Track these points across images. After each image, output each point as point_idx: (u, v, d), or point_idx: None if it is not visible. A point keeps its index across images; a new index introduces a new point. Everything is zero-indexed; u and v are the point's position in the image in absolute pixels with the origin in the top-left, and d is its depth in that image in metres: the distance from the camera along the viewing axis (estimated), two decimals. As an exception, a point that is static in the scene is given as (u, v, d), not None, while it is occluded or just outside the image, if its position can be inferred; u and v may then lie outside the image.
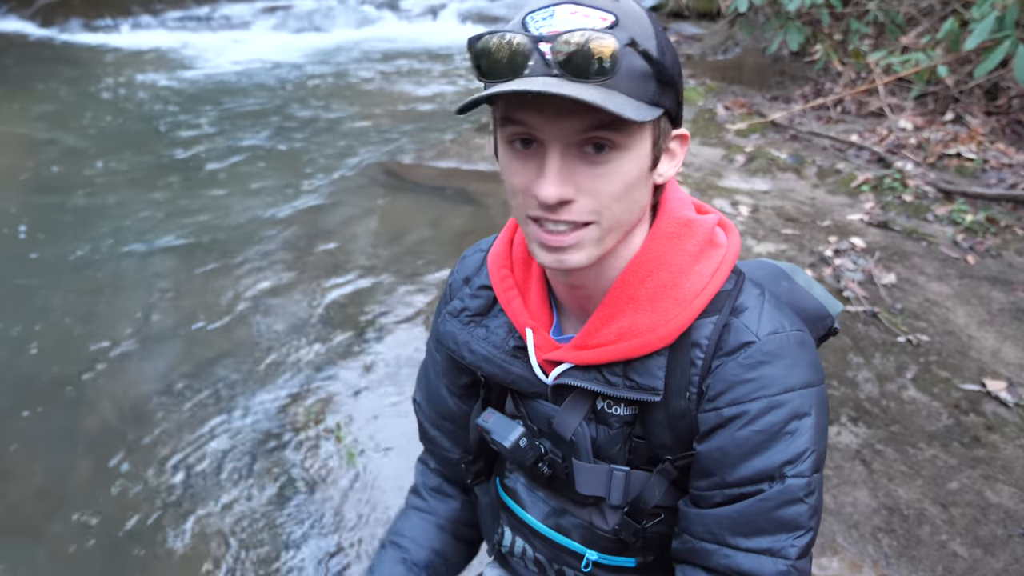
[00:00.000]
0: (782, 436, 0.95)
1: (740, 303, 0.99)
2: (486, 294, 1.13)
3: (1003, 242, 3.95)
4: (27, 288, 3.79)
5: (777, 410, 0.95)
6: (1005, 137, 5.23)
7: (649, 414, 1.02)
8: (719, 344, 0.97)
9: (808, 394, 0.96)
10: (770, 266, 1.16)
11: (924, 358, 3.04)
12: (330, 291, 3.69)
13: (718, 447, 0.97)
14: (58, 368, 3.18)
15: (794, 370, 0.96)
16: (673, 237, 0.99)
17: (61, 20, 10.14)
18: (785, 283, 1.13)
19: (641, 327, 0.97)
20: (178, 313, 3.56)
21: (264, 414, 2.87)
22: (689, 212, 1.03)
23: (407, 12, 10.86)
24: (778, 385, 0.95)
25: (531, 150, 0.88)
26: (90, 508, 2.50)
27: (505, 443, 1.08)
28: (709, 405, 0.97)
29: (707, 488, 0.99)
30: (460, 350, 1.12)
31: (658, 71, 0.86)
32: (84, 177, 5.20)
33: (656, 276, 0.98)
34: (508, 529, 1.24)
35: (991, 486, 2.45)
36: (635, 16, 0.87)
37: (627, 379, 0.99)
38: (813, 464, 0.96)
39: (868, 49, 6.24)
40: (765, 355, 0.96)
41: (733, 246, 1.03)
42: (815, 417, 0.96)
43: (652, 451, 1.05)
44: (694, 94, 6.68)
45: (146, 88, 7.56)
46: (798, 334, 0.99)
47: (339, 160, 5.49)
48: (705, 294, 0.98)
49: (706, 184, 4.74)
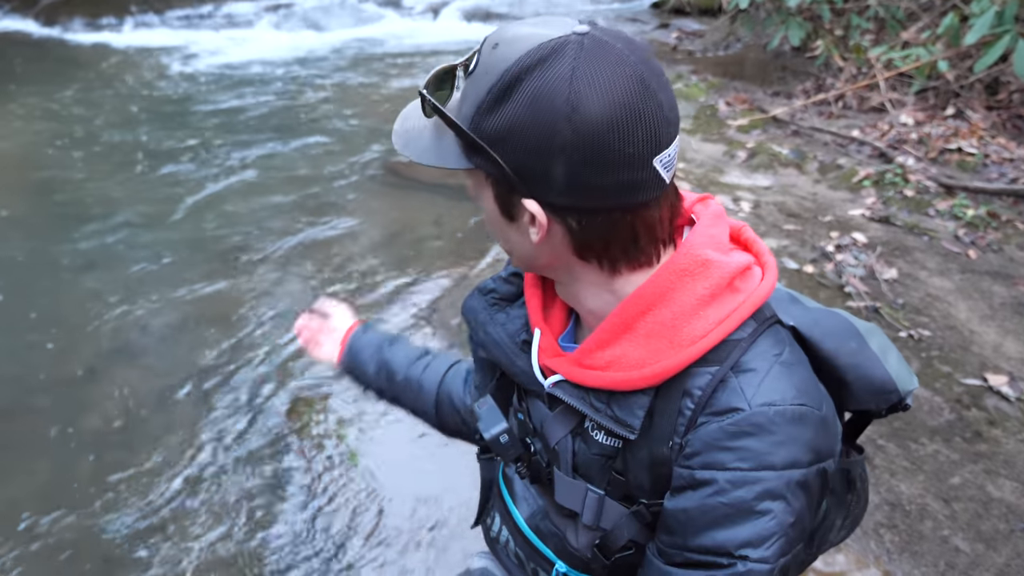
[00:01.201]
0: (751, 515, 0.88)
1: (746, 360, 0.91)
2: (517, 282, 1.12)
3: (1004, 236, 3.96)
4: (27, 287, 3.80)
5: (750, 487, 0.88)
6: (1006, 132, 5.23)
7: (631, 452, 0.98)
8: (710, 400, 0.90)
9: (790, 476, 0.89)
10: (843, 321, 1.03)
11: (926, 353, 3.05)
12: (330, 288, 3.71)
13: (683, 509, 0.92)
14: (59, 368, 3.20)
15: (780, 448, 0.88)
16: (684, 275, 0.92)
17: (64, 19, 10.14)
18: (854, 344, 1.00)
19: (630, 360, 0.92)
20: (180, 312, 3.57)
21: (266, 414, 2.88)
22: (711, 252, 0.93)
23: (409, 10, 10.85)
24: (756, 461, 0.88)
25: None
26: (89, 509, 2.52)
27: (485, 434, 1.09)
28: (684, 462, 0.91)
29: (669, 545, 0.95)
30: (475, 329, 1.13)
31: (458, 133, 0.88)
32: (85, 176, 5.22)
33: (657, 312, 0.92)
34: (498, 516, 1.25)
35: (993, 481, 2.46)
36: (495, 68, 0.85)
37: (609, 408, 0.95)
38: (779, 550, 0.89)
39: (869, 44, 6.24)
40: (751, 427, 0.88)
41: (759, 293, 0.94)
42: (791, 502, 0.89)
43: (629, 489, 1.01)
44: (696, 90, 6.68)
45: (149, 87, 7.57)
46: (799, 408, 0.90)
47: (341, 158, 5.50)
48: (703, 343, 0.90)
49: (708, 180, 4.75)
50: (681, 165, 4.97)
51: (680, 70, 7.35)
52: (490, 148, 0.85)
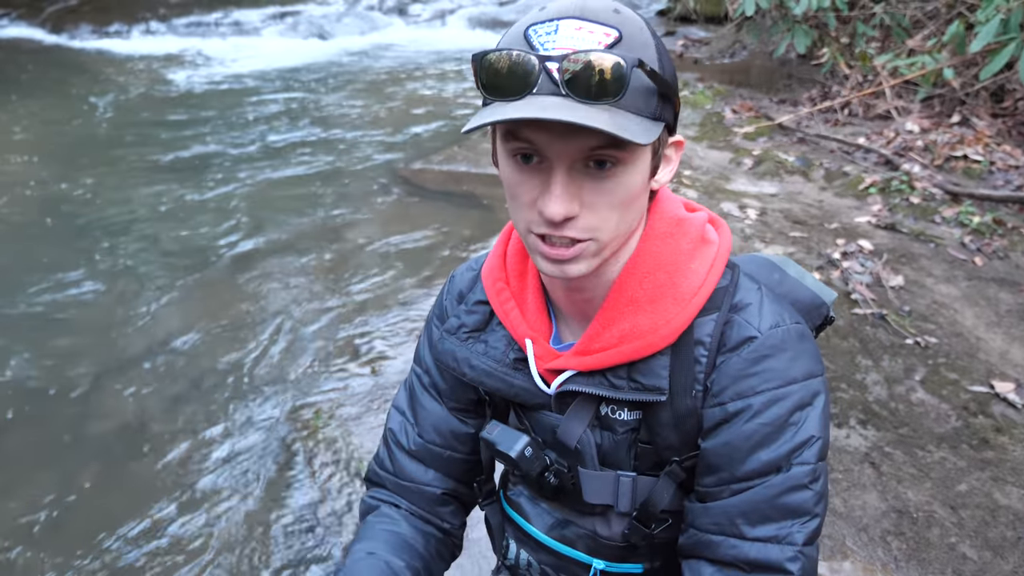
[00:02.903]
0: (787, 427, 0.96)
1: (739, 299, 1.01)
2: (483, 309, 1.12)
3: (1010, 243, 3.96)
4: (32, 294, 3.82)
5: (782, 402, 0.96)
6: (1011, 139, 5.24)
7: (654, 416, 1.02)
8: (722, 340, 0.98)
9: (811, 384, 0.98)
10: (760, 259, 1.17)
11: (932, 360, 3.06)
12: (338, 296, 3.72)
13: (724, 442, 0.97)
14: (62, 377, 3.21)
15: (796, 362, 0.97)
16: (667, 236, 1.00)
17: (71, 27, 10.21)
18: (777, 275, 1.14)
19: (643, 328, 0.97)
20: (183, 320, 3.59)
21: (269, 422, 2.89)
22: (680, 211, 1.03)
23: (415, 17, 10.90)
24: (781, 378, 0.96)
25: (534, 165, 0.88)
26: (92, 517, 2.52)
27: (511, 453, 1.07)
28: (714, 401, 0.98)
29: (714, 484, 0.99)
30: (460, 367, 1.11)
31: (661, 87, 0.87)
32: (91, 184, 5.25)
33: (654, 276, 0.98)
34: (513, 542, 1.24)
35: (1000, 488, 2.47)
36: (638, 29, 0.87)
37: (632, 381, 0.99)
38: (818, 452, 0.96)
39: (874, 52, 6.26)
40: (768, 349, 0.97)
41: (725, 241, 1.04)
42: (819, 407, 0.98)
43: (658, 455, 1.04)
44: (702, 97, 6.69)
45: (155, 94, 7.61)
46: (798, 327, 1.00)
47: (348, 165, 5.53)
48: (703, 292, 0.98)
49: (714, 187, 4.76)
50: (687, 172, 4.98)
51: (686, 77, 7.37)
52: (676, 90, 0.91)
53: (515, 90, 0.83)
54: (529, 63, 0.82)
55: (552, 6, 0.87)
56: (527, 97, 0.83)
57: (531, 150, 0.87)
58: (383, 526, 1.20)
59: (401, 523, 1.21)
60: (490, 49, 0.84)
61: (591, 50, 0.81)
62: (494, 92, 0.85)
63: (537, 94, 0.83)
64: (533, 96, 0.83)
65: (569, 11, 0.85)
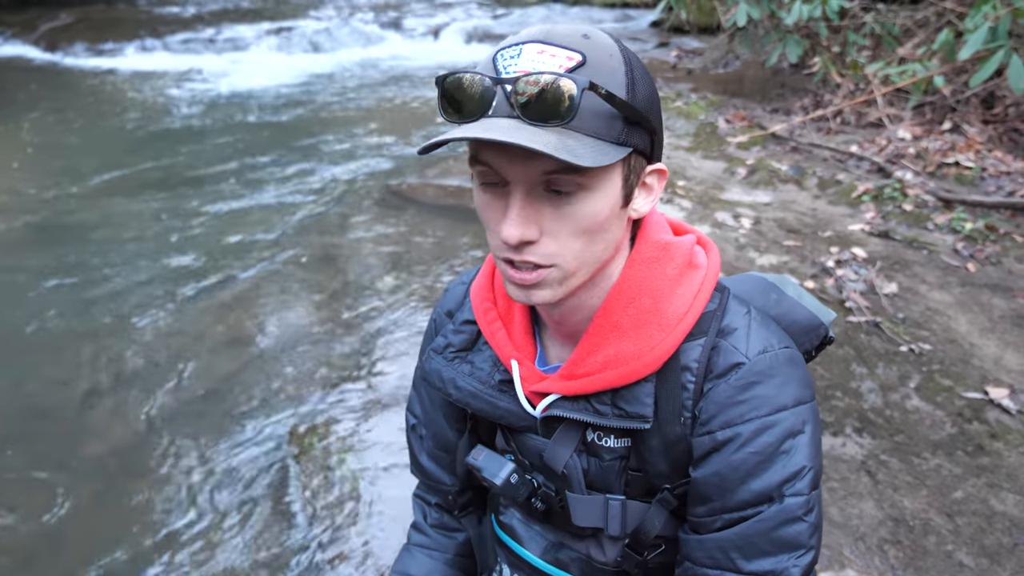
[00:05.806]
0: (778, 455, 0.94)
1: (727, 324, 0.99)
2: (469, 329, 1.12)
3: (1003, 249, 3.98)
4: (29, 311, 3.82)
5: (771, 430, 0.94)
6: (1002, 145, 5.27)
7: (644, 443, 1.00)
8: (709, 366, 0.97)
9: (801, 411, 0.96)
10: (757, 279, 1.14)
11: (927, 367, 3.07)
12: (335, 312, 3.72)
13: (714, 472, 0.96)
14: (60, 392, 3.20)
15: (785, 389, 0.95)
16: (652, 262, 0.99)
17: (65, 44, 10.23)
18: (774, 295, 1.11)
19: (626, 355, 0.96)
20: (181, 336, 3.58)
21: (268, 437, 2.88)
22: (666, 235, 1.02)
23: (410, 32, 10.94)
24: (770, 405, 0.94)
25: (498, 190, 0.88)
26: (91, 534, 2.51)
27: (496, 480, 1.06)
28: (702, 429, 0.96)
29: (706, 515, 0.98)
30: (446, 387, 1.11)
31: (625, 111, 0.85)
32: (86, 200, 5.25)
33: (638, 303, 0.97)
34: (507, 567, 1.23)
35: (996, 494, 2.47)
36: (606, 56, 0.85)
37: (616, 408, 0.97)
38: (811, 482, 0.95)
39: (866, 61, 6.30)
40: (756, 375, 0.95)
41: (713, 265, 1.03)
42: (809, 434, 0.96)
43: (649, 482, 1.03)
44: (696, 108, 6.73)
45: (150, 111, 7.63)
46: (787, 351, 0.98)
47: (343, 180, 5.54)
48: (688, 317, 0.97)
49: (708, 197, 4.78)
50: (681, 183, 5.00)
51: (680, 88, 7.41)
52: (649, 116, 0.89)
53: (472, 112, 0.83)
54: (484, 85, 0.83)
55: (523, 32, 0.88)
56: (482, 119, 0.83)
57: (492, 174, 0.87)
58: (420, 554, 1.33)
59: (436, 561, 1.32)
60: (451, 72, 0.85)
61: (542, 72, 0.81)
62: (453, 114, 0.85)
63: (493, 116, 0.83)
64: (488, 118, 0.83)
65: (535, 36, 0.86)
